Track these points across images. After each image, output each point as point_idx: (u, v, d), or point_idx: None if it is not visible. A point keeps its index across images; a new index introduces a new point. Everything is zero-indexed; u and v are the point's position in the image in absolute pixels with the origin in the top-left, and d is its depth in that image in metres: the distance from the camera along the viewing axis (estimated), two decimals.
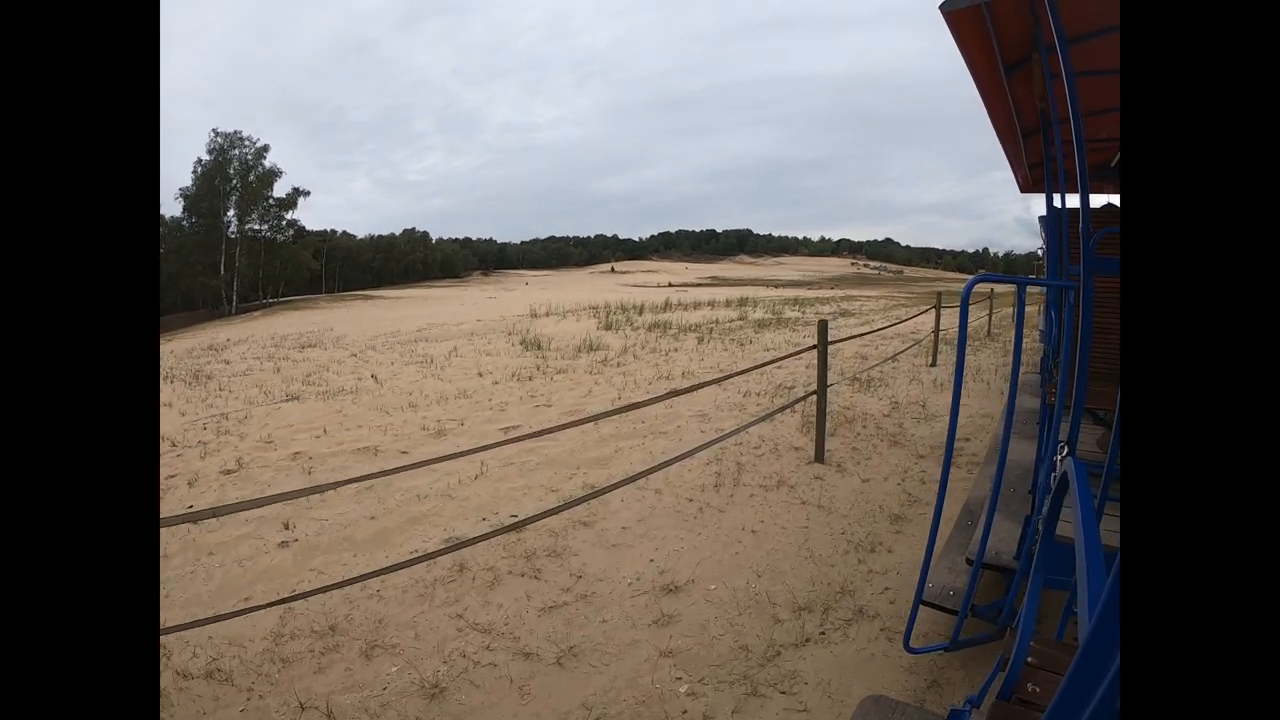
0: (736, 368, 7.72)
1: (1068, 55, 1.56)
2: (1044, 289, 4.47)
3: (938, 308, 8.37)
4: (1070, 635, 1.63)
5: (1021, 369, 2.47)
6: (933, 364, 7.97)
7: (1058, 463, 1.53)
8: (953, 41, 2.00)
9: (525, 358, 9.72)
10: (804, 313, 17.90)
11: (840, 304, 23.62)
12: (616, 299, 24.58)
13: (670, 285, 60.89)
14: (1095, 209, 3.53)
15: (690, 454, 4.07)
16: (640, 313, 16.95)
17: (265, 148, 45.70)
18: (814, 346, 4.38)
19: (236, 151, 44.70)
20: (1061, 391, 2.21)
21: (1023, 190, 4.55)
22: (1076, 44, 1.91)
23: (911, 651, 1.97)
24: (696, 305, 20.26)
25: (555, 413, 6.37)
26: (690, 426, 5.48)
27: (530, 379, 8.01)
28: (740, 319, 15.16)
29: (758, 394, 6.45)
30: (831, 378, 7.32)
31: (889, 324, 10.61)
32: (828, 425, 5.19)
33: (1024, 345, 2.40)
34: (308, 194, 49.51)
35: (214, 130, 44.67)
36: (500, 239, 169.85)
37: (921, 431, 4.99)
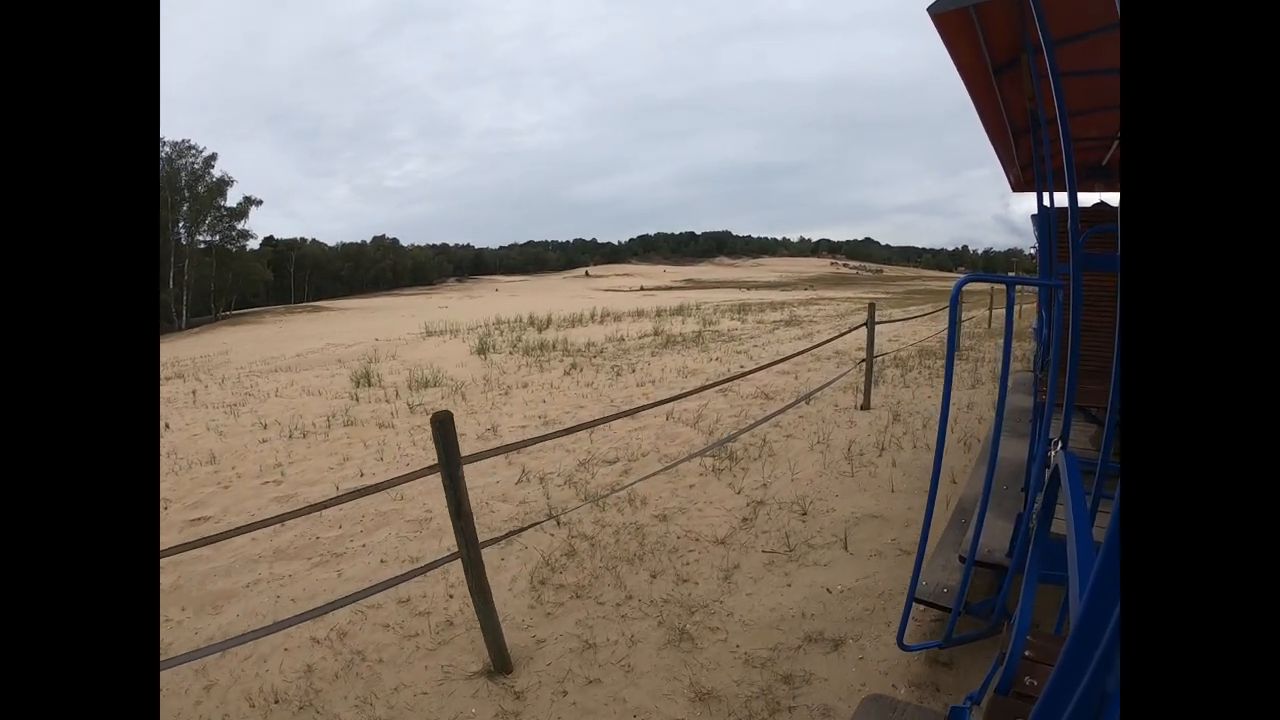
0: (581, 414, 5.49)
1: (1054, 56, 1.56)
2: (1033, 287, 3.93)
3: (870, 324, 6.01)
4: (1068, 629, 1.54)
5: (1010, 370, 1.97)
6: (865, 405, 5.69)
7: (1050, 457, 1.49)
8: (933, 43, 1.93)
9: (340, 400, 7.41)
10: (744, 322, 15.34)
11: (794, 309, 20.64)
12: (560, 309, 22.24)
13: (643, 290, 58.69)
14: (1085, 207, 3.42)
15: (290, 623, 1.98)
16: (542, 329, 14.42)
17: (213, 156, 44.44)
18: (432, 467, 2.07)
19: (185, 161, 42.94)
20: (1052, 388, 2.12)
21: (1015, 190, 4.35)
22: (1063, 45, 1.88)
23: (905, 649, 1.92)
24: (618, 317, 17.51)
25: (274, 495, 4.32)
26: (381, 546, 3.19)
27: (305, 435, 5.77)
28: (654, 333, 12.60)
29: (551, 476, 4.13)
30: (694, 439, 4.99)
31: (834, 335, 8.03)
32: (580, 572, 2.91)
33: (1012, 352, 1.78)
34: (259, 203, 48.15)
35: (160, 139, 42.38)
36: (480, 245, 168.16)
37: (764, 598, 2.59)
